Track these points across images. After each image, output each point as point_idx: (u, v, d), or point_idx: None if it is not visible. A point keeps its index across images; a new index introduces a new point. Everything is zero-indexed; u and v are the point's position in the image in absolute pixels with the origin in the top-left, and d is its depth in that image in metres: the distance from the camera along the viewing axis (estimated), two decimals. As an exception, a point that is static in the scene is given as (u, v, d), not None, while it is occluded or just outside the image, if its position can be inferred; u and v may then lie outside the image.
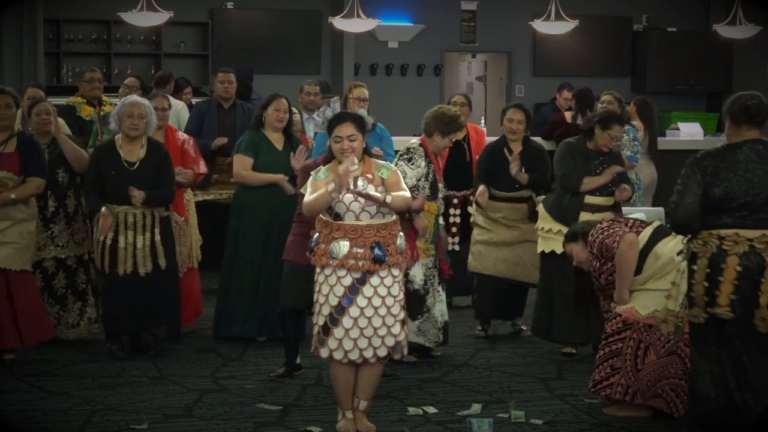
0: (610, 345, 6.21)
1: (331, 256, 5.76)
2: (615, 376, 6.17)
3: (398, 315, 5.83)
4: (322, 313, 5.79)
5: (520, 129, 8.08)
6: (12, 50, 13.85)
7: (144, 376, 7.12)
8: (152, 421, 6.16)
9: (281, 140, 7.96)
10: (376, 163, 5.93)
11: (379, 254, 5.73)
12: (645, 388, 6.14)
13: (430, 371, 7.29)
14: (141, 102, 7.50)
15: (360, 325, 5.74)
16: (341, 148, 5.80)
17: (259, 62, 14.79)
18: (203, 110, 9.60)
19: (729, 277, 5.24)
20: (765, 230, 5.24)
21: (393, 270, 5.82)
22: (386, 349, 5.80)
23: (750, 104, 5.40)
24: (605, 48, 16.39)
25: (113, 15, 13.29)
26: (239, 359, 7.55)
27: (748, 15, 13.46)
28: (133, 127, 7.38)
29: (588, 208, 7.55)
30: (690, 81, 16.45)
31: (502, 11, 16.03)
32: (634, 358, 6.14)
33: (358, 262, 5.74)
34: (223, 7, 15.27)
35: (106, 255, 7.37)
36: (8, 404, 6.46)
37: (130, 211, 7.38)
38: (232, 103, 9.60)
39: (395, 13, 15.53)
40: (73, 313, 7.80)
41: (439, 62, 16.14)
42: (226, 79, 9.61)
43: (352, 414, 5.96)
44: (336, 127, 5.84)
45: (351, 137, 5.82)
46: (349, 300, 5.75)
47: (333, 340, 5.76)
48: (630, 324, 6.17)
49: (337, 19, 12.73)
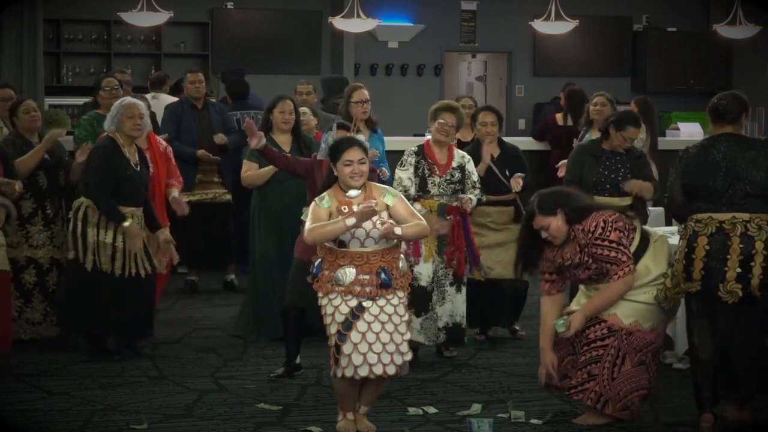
0: (591, 351, 6.09)
1: (337, 283, 5.77)
2: (590, 383, 6.08)
3: (405, 334, 5.83)
4: (331, 332, 5.79)
5: (494, 131, 8.08)
6: (12, 50, 13.84)
7: (144, 376, 7.12)
8: (152, 421, 6.16)
9: (289, 141, 7.98)
10: (377, 188, 5.93)
11: (385, 279, 5.77)
12: (616, 398, 6.08)
13: (430, 371, 7.30)
14: (137, 102, 7.54)
15: (368, 339, 5.73)
16: (352, 172, 5.79)
17: (259, 62, 14.79)
18: (178, 112, 9.67)
19: (699, 255, 5.93)
20: (735, 213, 5.90)
21: (398, 292, 5.85)
22: (395, 367, 5.77)
23: (718, 104, 6.15)
24: (605, 48, 16.39)
25: (113, 15, 13.29)
26: (239, 359, 7.55)
27: (748, 15, 13.46)
28: (136, 127, 7.41)
29: None
30: (690, 81, 16.45)
31: (502, 11, 16.03)
32: (612, 366, 6.06)
33: (365, 288, 5.77)
34: (223, 7, 15.26)
35: (102, 254, 7.35)
36: (8, 404, 6.46)
37: (136, 213, 7.41)
38: (204, 103, 9.68)
39: (395, 13, 15.52)
40: (38, 312, 7.77)
41: (439, 62, 16.13)
42: (196, 79, 9.73)
43: (353, 415, 5.96)
44: (345, 151, 5.82)
45: (361, 161, 5.82)
46: (355, 316, 5.76)
47: (343, 358, 5.75)
48: (614, 331, 6.07)
49: (337, 19, 12.72)
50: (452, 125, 7.46)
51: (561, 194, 6.23)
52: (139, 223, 7.42)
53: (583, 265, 6.11)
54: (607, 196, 7.53)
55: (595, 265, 6.08)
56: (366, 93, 8.49)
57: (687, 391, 6.85)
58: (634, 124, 7.68)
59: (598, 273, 6.10)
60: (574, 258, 6.10)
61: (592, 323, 6.12)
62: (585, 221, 6.07)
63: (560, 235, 6.09)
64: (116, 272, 7.34)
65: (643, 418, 6.31)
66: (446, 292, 7.42)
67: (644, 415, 6.38)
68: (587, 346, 6.11)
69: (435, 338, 7.47)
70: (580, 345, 6.15)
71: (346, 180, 5.82)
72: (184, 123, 9.56)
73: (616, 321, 6.08)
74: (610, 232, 6.03)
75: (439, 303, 7.43)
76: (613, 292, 6.06)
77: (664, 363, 7.45)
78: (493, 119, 8.09)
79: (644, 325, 6.11)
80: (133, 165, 7.42)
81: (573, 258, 6.11)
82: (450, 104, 7.63)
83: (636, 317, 6.09)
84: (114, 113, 7.46)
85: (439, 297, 7.43)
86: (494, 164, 7.97)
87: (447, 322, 7.44)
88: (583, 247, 6.07)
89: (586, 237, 6.05)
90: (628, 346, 6.09)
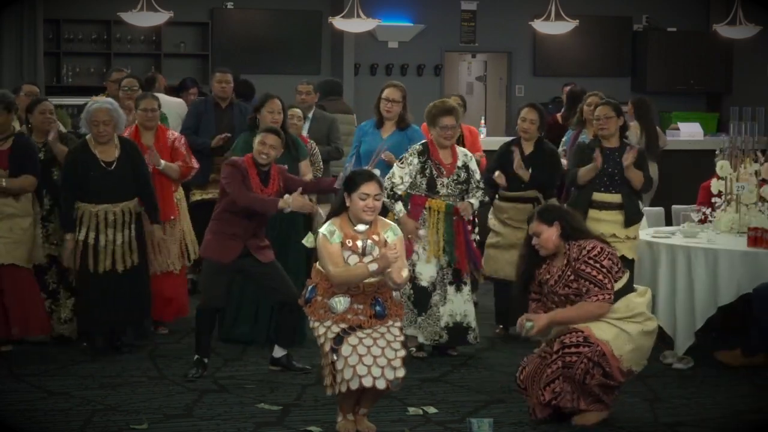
0: (565, 357, 6.04)
1: (331, 311, 5.78)
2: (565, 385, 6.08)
3: (399, 351, 5.80)
4: (325, 350, 5.80)
5: (532, 129, 8.05)
6: (12, 50, 13.84)
7: (144, 376, 7.12)
8: (152, 421, 6.16)
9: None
10: (383, 223, 5.94)
11: (379, 311, 5.80)
12: (587, 395, 6.10)
13: (430, 371, 7.30)
14: (105, 107, 7.52)
15: (359, 351, 5.72)
16: (366, 206, 5.79)
17: (259, 62, 14.80)
18: (200, 110, 9.62)
19: None
20: None
21: (390, 321, 5.86)
22: (385, 382, 5.74)
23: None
24: (605, 48, 16.38)
25: (113, 15, 13.28)
26: (239, 359, 7.55)
27: (748, 15, 13.45)
28: (100, 134, 7.45)
29: (596, 205, 7.54)
30: (690, 81, 16.44)
31: (502, 11, 16.02)
32: (585, 374, 6.03)
33: (358, 317, 5.78)
34: (223, 7, 15.26)
35: (88, 254, 7.42)
36: (8, 404, 6.46)
37: (110, 209, 7.44)
38: (229, 103, 9.63)
39: (395, 13, 15.52)
40: (66, 308, 7.83)
41: (439, 62, 16.13)
42: (224, 79, 9.64)
43: (353, 415, 5.96)
44: (363, 184, 5.81)
45: (377, 196, 5.83)
46: (347, 332, 5.76)
47: (338, 374, 5.74)
48: (590, 343, 6.03)
49: (337, 19, 12.72)
50: (453, 126, 7.48)
51: (565, 211, 6.30)
52: (124, 218, 7.45)
53: (564, 280, 6.08)
54: (602, 191, 7.56)
55: (575, 284, 6.05)
56: (392, 92, 8.25)
57: (687, 391, 6.87)
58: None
59: (576, 293, 6.07)
60: (558, 272, 6.10)
61: (568, 330, 6.09)
62: (583, 241, 6.09)
63: (548, 246, 6.10)
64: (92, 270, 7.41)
65: (644, 418, 6.31)
66: (447, 292, 7.43)
67: (644, 415, 6.38)
68: (561, 350, 6.07)
69: (436, 338, 7.47)
70: (553, 350, 6.09)
71: (359, 213, 5.81)
72: (204, 120, 9.53)
73: (591, 334, 6.05)
74: (604, 258, 6.05)
75: (441, 303, 7.43)
76: (585, 310, 6.04)
77: (664, 363, 7.47)
78: (534, 117, 8.04)
79: (615, 350, 6.04)
80: (103, 164, 7.43)
81: (557, 273, 6.10)
82: (447, 107, 7.57)
83: (610, 338, 6.04)
84: (83, 116, 7.56)
85: (441, 297, 7.43)
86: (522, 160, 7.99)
87: (448, 321, 7.45)
88: (571, 261, 6.06)
89: (579, 252, 6.05)
90: (600, 361, 6.03)
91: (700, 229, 7.81)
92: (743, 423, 6.31)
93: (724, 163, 8.05)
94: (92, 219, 7.44)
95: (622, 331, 6.06)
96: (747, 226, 7.62)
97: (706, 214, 8.07)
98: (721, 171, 8.05)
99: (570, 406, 6.10)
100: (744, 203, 7.94)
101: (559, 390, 6.07)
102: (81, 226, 7.44)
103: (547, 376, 6.08)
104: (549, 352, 6.12)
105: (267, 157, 6.99)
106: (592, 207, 7.64)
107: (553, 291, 6.12)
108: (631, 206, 7.75)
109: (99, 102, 7.64)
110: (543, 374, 6.10)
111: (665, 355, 7.52)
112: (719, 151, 8.38)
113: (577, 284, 6.04)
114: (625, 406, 6.51)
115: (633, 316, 6.11)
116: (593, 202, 7.65)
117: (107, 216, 7.44)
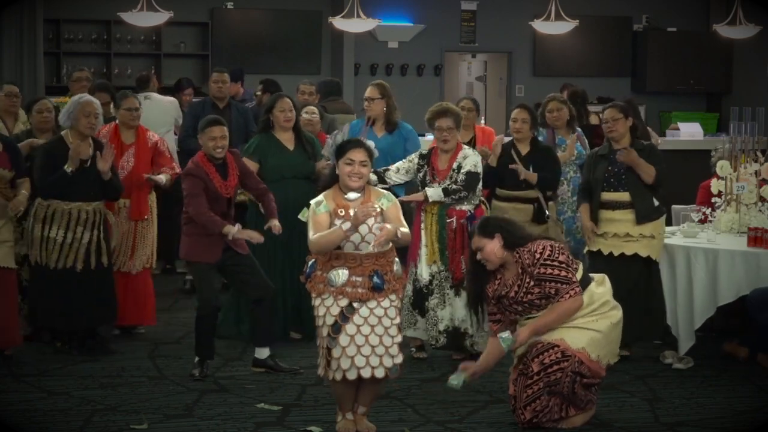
0: (549, 375, 6.03)
1: (329, 284, 5.79)
2: (552, 400, 6.08)
3: (396, 337, 5.82)
4: (322, 334, 5.81)
5: (525, 128, 8.05)
6: (12, 50, 13.85)
7: (144, 376, 7.12)
8: (152, 421, 6.16)
9: (292, 140, 7.97)
10: (376, 192, 5.95)
11: (378, 282, 5.78)
12: (577, 401, 6.12)
13: (430, 371, 7.30)
14: (94, 100, 7.52)
15: (357, 342, 5.73)
16: (351, 171, 5.81)
17: (259, 62, 14.80)
18: (198, 110, 9.62)
19: None
20: None
21: (390, 295, 5.85)
22: (384, 370, 5.76)
23: None
24: (605, 48, 16.39)
25: (113, 15, 13.28)
26: (239, 359, 7.55)
27: (748, 15, 13.45)
28: (90, 126, 7.41)
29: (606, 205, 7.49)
30: (690, 81, 16.44)
31: (502, 11, 16.03)
32: (572, 385, 6.04)
33: (356, 290, 5.77)
34: (223, 7, 15.26)
35: (54, 250, 7.40)
36: (8, 404, 6.46)
37: (84, 207, 7.44)
38: (227, 103, 9.65)
39: (395, 13, 15.52)
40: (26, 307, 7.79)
41: (439, 62, 16.13)
42: (220, 78, 9.67)
43: (352, 415, 5.97)
44: (349, 150, 5.83)
45: (363, 162, 5.83)
46: (345, 318, 5.76)
47: (333, 361, 5.76)
48: (568, 356, 6.01)
49: (337, 19, 12.72)
50: (449, 127, 7.43)
51: (505, 221, 6.23)
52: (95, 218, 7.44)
53: (524, 288, 6.04)
54: (612, 191, 7.50)
55: (537, 288, 6.02)
56: (370, 90, 8.28)
57: (687, 391, 6.87)
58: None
59: (541, 297, 6.05)
60: (516, 282, 6.06)
61: (545, 349, 6.05)
62: (530, 245, 6.05)
63: (493, 259, 6.05)
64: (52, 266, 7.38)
65: (644, 418, 6.31)
66: (447, 296, 7.42)
67: (644, 415, 6.38)
68: (544, 371, 6.05)
69: (433, 342, 7.47)
70: (534, 372, 6.05)
71: (345, 179, 5.83)
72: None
73: (567, 346, 6.04)
74: (558, 254, 6.03)
75: (440, 306, 7.42)
76: (563, 309, 6.02)
77: (664, 363, 7.47)
78: (525, 116, 8.06)
79: (592, 354, 6.05)
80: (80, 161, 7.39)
81: (515, 282, 6.06)
82: (441, 108, 7.54)
83: (584, 344, 6.05)
84: (71, 109, 7.44)
85: (440, 300, 7.42)
86: (520, 161, 7.98)
87: (447, 325, 7.43)
88: (526, 267, 6.02)
89: (532, 257, 6.01)
90: (581, 368, 6.03)
91: (700, 229, 7.81)
92: (743, 423, 6.31)
93: (724, 163, 8.04)
94: (64, 217, 7.40)
95: (594, 333, 6.07)
96: (747, 226, 7.62)
97: (706, 214, 8.07)
98: (721, 171, 8.05)
99: (557, 417, 6.11)
100: (744, 203, 7.94)
101: (540, 408, 6.07)
102: (52, 224, 7.39)
103: (527, 396, 6.08)
104: (528, 374, 6.09)
105: (222, 150, 7.05)
106: (602, 207, 7.56)
107: (516, 301, 6.08)
108: (642, 203, 7.51)
109: (89, 96, 7.63)
110: (523, 394, 6.10)
111: (665, 355, 7.52)
112: (714, 151, 8.39)
113: (539, 288, 6.02)
114: (625, 406, 6.52)
115: (599, 307, 6.12)
116: (603, 203, 7.56)
117: (80, 214, 7.42)
